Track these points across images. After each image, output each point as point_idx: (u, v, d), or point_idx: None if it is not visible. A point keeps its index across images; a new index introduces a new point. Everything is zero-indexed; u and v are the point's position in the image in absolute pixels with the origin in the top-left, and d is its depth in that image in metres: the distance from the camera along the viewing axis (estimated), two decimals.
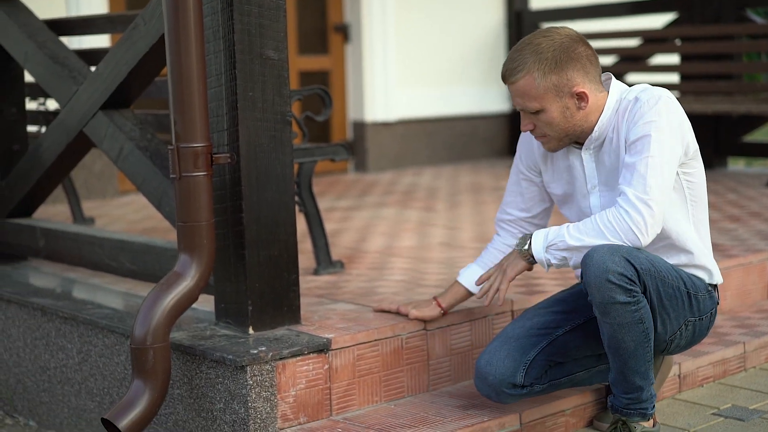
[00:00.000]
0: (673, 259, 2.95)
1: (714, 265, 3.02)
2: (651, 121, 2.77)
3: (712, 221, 4.82)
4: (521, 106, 2.87)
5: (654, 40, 7.70)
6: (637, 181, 2.75)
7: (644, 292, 2.78)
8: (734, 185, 6.29)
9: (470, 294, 3.17)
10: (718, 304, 3.05)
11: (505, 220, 3.20)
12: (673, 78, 7.89)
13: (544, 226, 3.17)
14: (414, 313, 3.14)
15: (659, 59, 8.14)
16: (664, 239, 2.92)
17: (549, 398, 3.07)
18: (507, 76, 2.86)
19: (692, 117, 7.27)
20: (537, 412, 3.01)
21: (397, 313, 3.19)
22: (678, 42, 7.56)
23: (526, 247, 2.88)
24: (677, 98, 7.11)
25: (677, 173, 2.86)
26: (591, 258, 2.73)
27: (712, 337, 3.61)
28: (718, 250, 4.12)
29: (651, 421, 2.95)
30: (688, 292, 2.90)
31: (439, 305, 3.17)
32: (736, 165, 8.93)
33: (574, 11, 8.13)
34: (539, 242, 2.85)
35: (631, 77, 7.99)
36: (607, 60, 8.11)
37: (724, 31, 7.08)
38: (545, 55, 2.81)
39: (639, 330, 2.77)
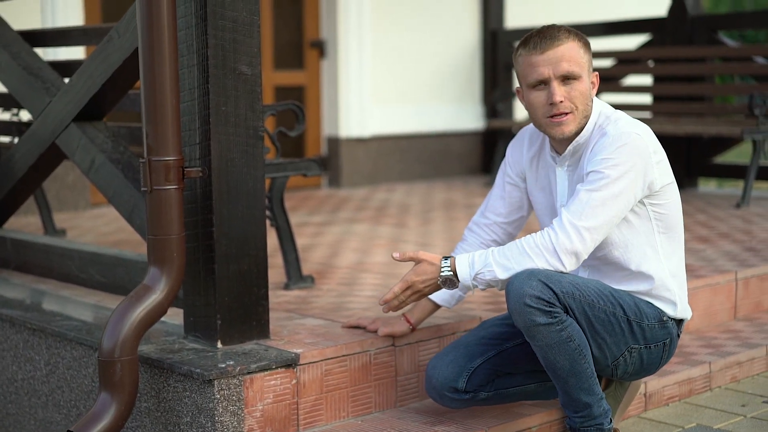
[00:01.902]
0: (631, 287, 2.96)
1: (681, 298, 3.02)
2: (609, 158, 2.79)
3: None
4: (565, 70, 2.86)
5: (627, 61, 7.76)
6: (576, 207, 2.78)
7: (569, 314, 2.79)
8: (704, 206, 6.34)
9: (438, 307, 3.20)
10: (678, 336, 3.06)
11: (480, 223, 3.22)
12: (646, 99, 7.96)
13: (514, 236, 3.20)
14: (384, 330, 3.15)
15: (632, 80, 8.20)
16: (622, 269, 2.95)
17: (515, 415, 3.09)
18: (548, 41, 2.87)
19: (664, 138, 7.32)
20: (503, 429, 3.03)
21: (366, 329, 3.20)
22: (651, 63, 7.62)
23: (449, 274, 2.88)
24: (649, 119, 7.18)
25: (644, 203, 2.89)
26: (511, 285, 2.76)
27: (679, 356, 3.64)
28: (686, 270, 4.14)
29: None
30: (628, 318, 2.91)
31: (408, 321, 3.18)
32: (707, 186, 9.00)
33: None
34: (465, 270, 2.86)
35: (605, 97, 8.05)
36: None
37: (696, 53, 7.15)
38: (579, 35, 2.90)
39: (570, 348, 2.78)
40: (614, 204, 2.78)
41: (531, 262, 2.78)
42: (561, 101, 2.87)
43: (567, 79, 2.87)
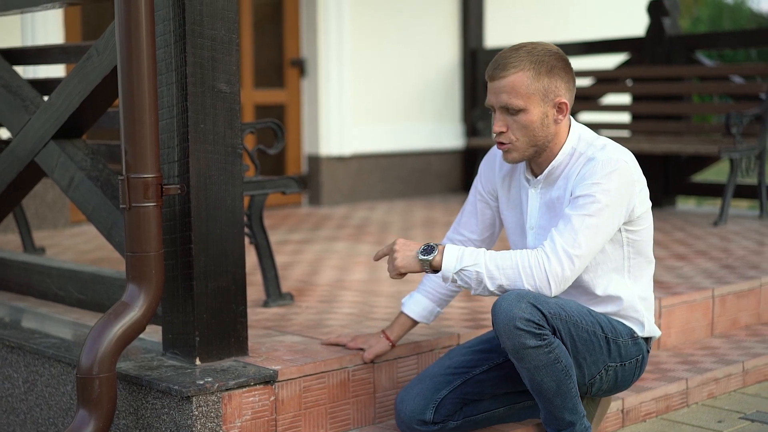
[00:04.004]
0: (600, 308, 2.99)
1: (648, 318, 3.05)
2: (599, 183, 2.80)
3: (659, 259, 4.89)
4: (505, 102, 2.85)
5: (606, 80, 7.81)
6: (569, 234, 2.78)
7: (556, 335, 2.81)
8: (682, 224, 6.39)
9: (415, 323, 3.21)
10: (648, 352, 3.09)
11: (454, 239, 3.23)
12: (624, 117, 8.01)
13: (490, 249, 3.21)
14: (368, 355, 3.14)
15: (611, 99, 8.26)
16: (590, 292, 2.97)
17: (492, 431, 3.10)
18: (498, 70, 2.86)
19: (642, 156, 7.38)
20: None
21: (345, 346, 3.21)
22: (629, 82, 7.68)
23: (430, 258, 2.82)
24: (628, 137, 7.23)
25: (620, 230, 2.91)
26: (499, 306, 2.75)
27: (655, 373, 3.66)
28: (663, 287, 4.18)
29: None
30: (606, 336, 2.94)
31: (388, 338, 3.19)
32: (686, 204, 9.05)
33: None
34: (451, 261, 2.81)
35: (583, 116, 8.11)
36: None
37: (674, 72, 7.21)
38: (541, 58, 2.85)
39: (557, 369, 2.79)
40: (604, 230, 2.81)
41: (519, 281, 2.77)
42: (499, 132, 2.90)
43: (509, 110, 2.87)
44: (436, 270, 2.84)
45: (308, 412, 3.05)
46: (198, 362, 3.01)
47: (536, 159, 2.96)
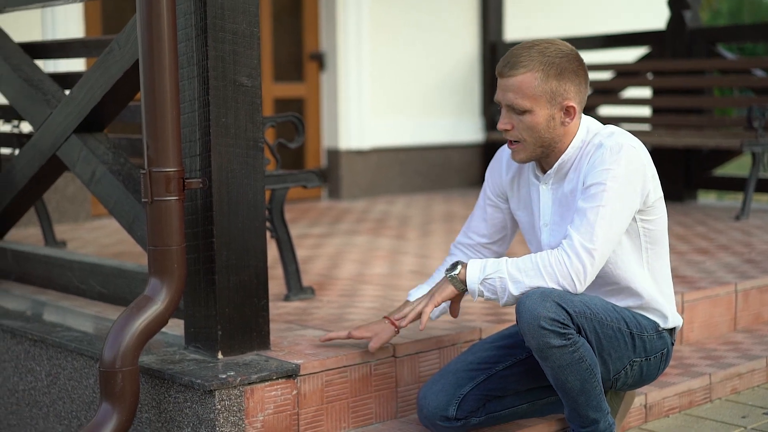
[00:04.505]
0: (621, 303, 2.97)
1: (670, 309, 3.03)
2: (609, 169, 2.77)
3: (681, 253, 4.87)
4: (510, 102, 2.83)
5: (626, 74, 7.78)
6: (586, 228, 2.75)
7: (581, 333, 2.79)
8: (704, 218, 6.35)
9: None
10: (672, 344, 3.07)
11: (465, 243, 3.21)
12: (645, 111, 7.97)
13: (501, 254, 3.20)
14: (373, 345, 3.04)
15: (631, 92, 8.22)
16: (611, 284, 2.94)
17: (516, 426, 3.09)
18: (507, 68, 2.83)
19: (663, 150, 7.35)
20: None
21: (349, 337, 3.10)
22: (650, 76, 7.64)
23: (456, 272, 2.83)
24: (649, 131, 7.20)
25: (635, 219, 2.88)
26: (523, 305, 2.73)
27: (679, 368, 3.64)
28: (686, 282, 4.16)
29: None
30: (631, 332, 2.92)
31: (393, 324, 3.06)
32: (707, 198, 9.01)
33: None
34: (475, 273, 2.81)
35: (604, 110, 8.07)
36: None
37: (695, 66, 7.18)
38: (552, 60, 2.81)
39: (582, 368, 2.78)
40: (620, 218, 2.78)
41: (543, 282, 2.76)
42: (505, 129, 2.88)
43: (515, 109, 2.85)
44: (464, 283, 2.83)
45: (330, 406, 3.05)
46: (220, 356, 3.01)
47: (545, 158, 2.94)
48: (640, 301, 2.97)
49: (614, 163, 2.78)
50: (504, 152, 3.12)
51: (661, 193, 2.93)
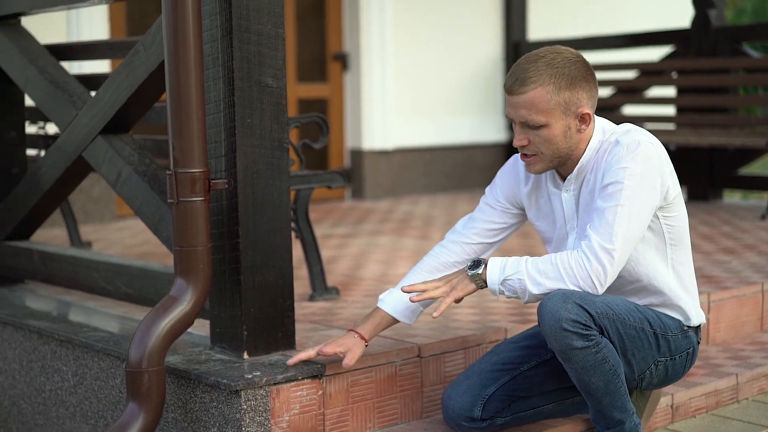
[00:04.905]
0: (643, 300, 2.95)
1: (693, 306, 3.00)
2: (625, 167, 2.74)
3: (707, 253, 4.84)
4: (524, 118, 2.79)
5: (650, 73, 7.75)
6: (604, 229, 2.72)
7: (603, 334, 2.77)
8: (729, 218, 6.32)
9: (395, 321, 3.03)
10: (698, 342, 3.05)
11: (459, 242, 3.10)
12: (669, 110, 7.94)
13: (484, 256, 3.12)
14: (348, 362, 2.90)
15: (655, 92, 8.19)
16: (634, 282, 2.92)
17: (542, 426, 3.08)
18: (516, 85, 2.78)
19: (688, 149, 7.31)
20: None
21: (319, 355, 2.92)
22: (674, 75, 7.61)
23: (479, 271, 2.80)
24: (673, 130, 7.17)
25: (657, 217, 2.85)
26: (545, 307, 2.71)
27: (705, 368, 3.62)
28: (712, 282, 4.14)
29: None
30: (654, 332, 2.90)
31: (362, 338, 2.96)
32: (732, 197, 8.96)
33: (573, 43, 8.18)
34: (495, 272, 2.78)
35: (628, 109, 8.04)
36: (603, 92, 8.16)
37: (720, 64, 7.14)
38: (562, 71, 2.76)
39: (605, 369, 2.76)
40: (639, 216, 2.75)
41: (563, 284, 2.73)
42: (521, 145, 2.84)
43: (529, 125, 2.80)
44: (486, 282, 2.81)
45: (356, 406, 3.05)
46: (246, 356, 3.01)
47: (562, 165, 2.90)
48: (662, 298, 2.94)
49: (631, 161, 2.75)
50: (520, 163, 3.05)
51: (680, 189, 2.90)
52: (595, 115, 2.89)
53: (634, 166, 2.74)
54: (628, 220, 2.73)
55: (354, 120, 8.09)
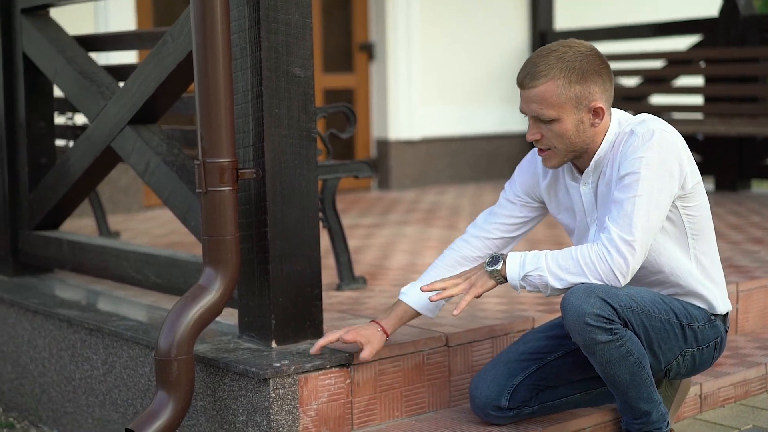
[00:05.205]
0: (667, 291, 2.93)
1: (719, 295, 2.96)
2: (642, 157, 2.72)
3: (735, 243, 4.82)
4: (536, 113, 2.78)
5: (678, 62, 7.71)
6: (624, 220, 2.70)
7: (628, 327, 2.75)
8: (758, 207, 6.28)
9: (417, 314, 3.03)
10: (726, 331, 3.02)
11: (484, 237, 3.08)
12: (698, 100, 7.90)
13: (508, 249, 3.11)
14: (366, 355, 2.92)
15: (683, 81, 8.14)
16: (656, 273, 2.90)
17: (569, 416, 3.08)
18: (527, 79, 2.77)
19: (716, 139, 7.27)
20: (558, 430, 3.02)
21: (341, 340, 2.93)
22: (702, 64, 7.57)
23: (498, 267, 2.80)
24: (701, 120, 7.13)
25: (677, 207, 2.82)
26: (568, 302, 2.71)
27: (734, 358, 3.61)
28: (740, 271, 4.12)
29: None
30: (680, 323, 2.87)
31: (384, 331, 2.97)
32: (761, 187, 8.90)
33: (600, 32, 8.16)
34: (515, 268, 2.77)
35: (655, 99, 8.01)
36: (631, 81, 8.13)
37: (748, 53, 7.09)
38: (572, 65, 2.75)
39: (630, 362, 2.75)
40: (658, 206, 2.73)
41: (585, 279, 2.72)
42: (535, 139, 2.83)
43: (542, 119, 2.79)
44: (505, 278, 2.81)
45: (384, 395, 3.06)
46: (274, 345, 3.03)
47: (578, 159, 2.89)
48: (686, 288, 2.92)
49: (647, 150, 2.73)
50: (538, 158, 3.03)
51: (700, 178, 2.87)
52: (611, 108, 2.87)
53: (650, 155, 2.72)
54: (647, 210, 2.71)
55: (380, 110, 8.09)
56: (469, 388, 3.03)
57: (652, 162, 2.72)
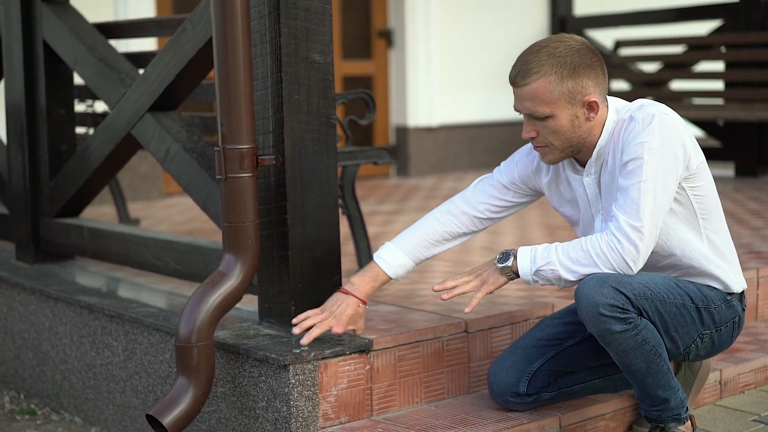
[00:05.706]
0: (680, 273, 2.91)
1: (733, 274, 2.95)
2: (643, 142, 2.70)
3: (756, 229, 4.80)
4: (529, 110, 2.78)
5: (699, 47, 7.66)
6: (630, 207, 2.69)
7: (643, 315, 2.75)
8: None
9: (389, 279, 3.04)
10: (744, 310, 3.01)
11: (473, 215, 3.10)
12: (718, 85, 7.86)
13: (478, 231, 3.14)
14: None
15: (704, 66, 8.10)
16: (668, 256, 2.89)
17: (588, 402, 3.08)
18: (519, 77, 2.77)
19: (736, 125, 7.22)
20: (577, 416, 3.02)
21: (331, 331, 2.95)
22: (723, 49, 7.52)
23: (509, 264, 2.82)
24: (722, 105, 7.08)
25: (683, 189, 2.81)
26: (581, 293, 2.71)
27: (754, 344, 3.60)
28: (761, 257, 4.10)
29: (688, 423, 2.96)
30: (696, 306, 2.86)
31: (363, 302, 2.99)
32: None
33: (619, 17, 8.12)
34: (526, 264, 2.79)
35: (676, 84, 7.97)
36: (650, 67, 8.09)
37: None
38: (564, 60, 2.74)
39: (646, 350, 2.75)
40: (664, 189, 2.71)
41: (597, 269, 2.72)
42: (530, 137, 2.83)
43: (536, 117, 2.79)
44: (517, 274, 2.82)
45: (403, 381, 3.06)
46: (294, 331, 3.03)
47: (577, 153, 2.88)
48: (700, 269, 2.90)
49: (648, 135, 2.71)
50: (537, 156, 3.02)
51: (703, 157, 2.85)
52: (607, 97, 2.86)
53: (651, 140, 2.71)
54: (653, 195, 2.70)
55: (399, 97, 8.08)
56: (488, 375, 3.04)
57: (655, 146, 2.71)
